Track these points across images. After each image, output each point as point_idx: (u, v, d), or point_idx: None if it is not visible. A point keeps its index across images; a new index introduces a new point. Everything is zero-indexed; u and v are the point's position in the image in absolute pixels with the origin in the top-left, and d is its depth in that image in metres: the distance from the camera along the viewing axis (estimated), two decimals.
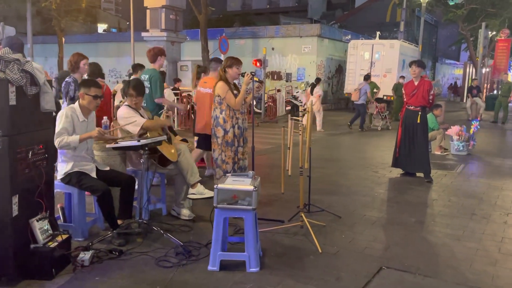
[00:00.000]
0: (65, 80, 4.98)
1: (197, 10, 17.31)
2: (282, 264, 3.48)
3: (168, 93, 8.02)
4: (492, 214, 4.89)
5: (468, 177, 6.87)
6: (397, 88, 14.83)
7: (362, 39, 20.81)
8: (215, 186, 3.28)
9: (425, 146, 6.49)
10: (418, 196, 5.66)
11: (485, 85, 25.27)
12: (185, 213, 4.46)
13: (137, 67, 7.66)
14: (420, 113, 6.38)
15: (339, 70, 21.63)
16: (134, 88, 4.30)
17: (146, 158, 3.88)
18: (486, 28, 24.00)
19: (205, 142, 5.57)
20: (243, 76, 4.72)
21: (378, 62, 17.60)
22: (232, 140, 4.77)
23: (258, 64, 14.40)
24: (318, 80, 13.06)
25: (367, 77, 13.03)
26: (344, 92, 19.01)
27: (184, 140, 5.06)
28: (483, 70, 25.07)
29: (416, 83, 6.41)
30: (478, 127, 9.56)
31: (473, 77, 21.87)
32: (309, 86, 12.89)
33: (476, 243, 4.02)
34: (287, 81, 19.74)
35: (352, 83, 17.85)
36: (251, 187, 3.25)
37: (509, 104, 16.15)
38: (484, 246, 3.93)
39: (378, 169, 7.25)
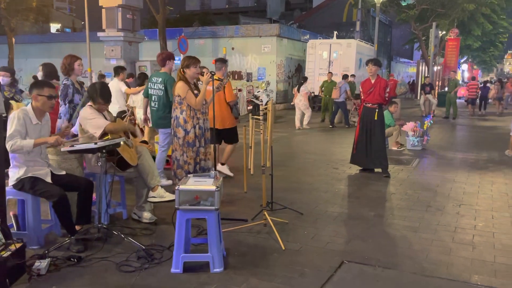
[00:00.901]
0: (63, 83, 4.87)
1: (155, 9, 17.02)
2: (246, 263, 3.48)
3: None
4: (446, 206, 5.11)
5: (423, 171, 7.15)
6: (324, 86, 15.02)
7: (320, 38, 21.19)
8: (176, 187, 3.24)
9: (382, 142, 6.70)
10: (377, 191, 5.83)
11: (437, 82, 26.37)
12: (147, 216, 4.38)
13: (119, 70, 7.51)
14: (377, 110, 6.57)
15: (299, 70, 21.91)
16: (102, 96, 4.11)
17: (104, 161, 3.78)
18: (436, 27, 25.02)
19: (229, 134, 6.20)
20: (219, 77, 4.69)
21: (336, 61, 17.97)
22: (193, 140, 4.73)
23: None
24: (305, 78, 13.63)
25: (345, 76, 13.74)
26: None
27: (144, 142, 4.97)
28: (435, 68, 26.14)
29: (372, 81, 6.60)
30: (431, 122, 9.96)
31: (426, 75, 22.74)
32: (297, 85, 13.51)
33: (432, 234, 4.18)
34: (248, 80, 19.79)
35: (312, 82, 18.14)
36: (213, 187, 3.23)
37: (457, 100, 16.90)
38: (439, 237, 4.11)
39: (338, 165, 7.41)
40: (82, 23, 33.75)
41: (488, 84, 20.58)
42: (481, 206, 5.11)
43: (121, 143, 3.94)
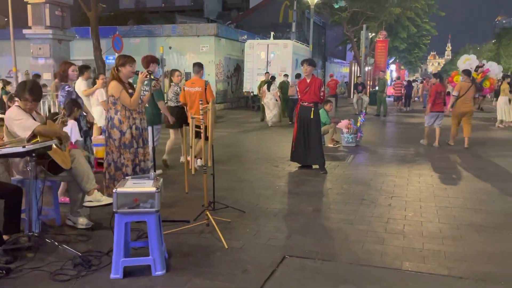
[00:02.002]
0: (66, 89, 5.19)
1: (86, 6, 16.28)
2: (189, 264, 3.46)
3: (101, 93, 7.64)
4: (379, 198, 5.40)
5: (357, 166, 7.49)
6: (282, 86, 15.51)
7: (258, 39, 21.44)
8: (113, 190, 3.14)
9: (319, 139, 6.92)
10: (315, 187, 6.03)
11: (369, 81, 27.72)
12: (82, 221, 4.19)
13: (83, 69, 7.25)
14: (313, 108, 6.78)
15: (238, 69, 22.02)
16: (30, 92, 3.83)
17: (33, 166, 3.57)
18: (366, 29, 26.31)
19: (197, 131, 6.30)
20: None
21: (274, 61, 18.30)
22: (130, 141, 4.60)
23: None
24: (273, 78, 14.10)
25: (298, 75, 14.04)
26: (244, 90, 19.41)
27: None
28: (366, 68, 27.47)
29: (308, 81, 6.80)
30: (364, 119, 10.45)
31: (358, 75, 23.81)
32: (265, 84, 13.84)
33: (366, 225, 4.40)
34: (187, 80, 19.56)
35: (251, 82, 18.32)
36: (153, 189, 3.17)
37: (387, 98, 18.03)
38: (373, 228, 4.33)
39: (278, 163, 7.56)
40: (6, 19, 31.44)
41: (412, 83, 22.54)
42: (410, 197, 5.46)
43: (53, 145, 3.74)
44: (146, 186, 3.23)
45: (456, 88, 9.40)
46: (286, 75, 16.08)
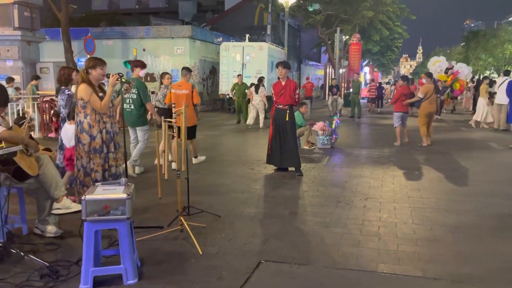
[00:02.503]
0: (67, 93, 5.38)
1: (56, 7, 15.86)
2: (163, 272, 3.37)
3: None
4: (354, 200, 5.42)
5: (333, 168, 7.53)
6: (235, 88, 15.47)
7: (233, 41, 21.36)
8: (82, 198, 3.02)
9: (294, 142, 6.91)
10: (291, 189, 6.01)
11: (343, 84, 28.06)
12: (51, 229, 4.03)
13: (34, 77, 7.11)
14: (288, 111, 6.77)
15: (213, 72, 21.90)
16: None
17: None
18: (340, 32, 26.64)
19: (190, 131, 7.04)
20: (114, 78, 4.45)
21: (249, 63, 18.27)
22: (100, 146, 4.46)
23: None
24: (261, 79, 13.97)
25: (261, 79, 14.29)
26: (219, 93, 19.30)
27: (47, 149, 4.58)
28: (341, 71, 27.80)
29: (283, 83, 6.79)
30: (339, 122, 10.54)
31: (333, 77, 24.07)
32: (251, 86, 13.80)
33: (342, 228, 4.40)
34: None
35: (226, 84, 18.21)
36: (124, 195, 3.07)
37: (361, 100, 18.36)
38: (349, 230, 4.33)
39: (254, 166, 7.51)
40: None
41: (386, 85, 23.26)
42: (385, 198, 5.50)
43: (18, 151, 3.58)
44: (117, 192, 3.13)
45: (423, 91, 9.81)
46: (239, 75, 16.24)
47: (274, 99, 6.95)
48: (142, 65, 6.69)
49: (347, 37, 29.20)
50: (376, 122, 16.11)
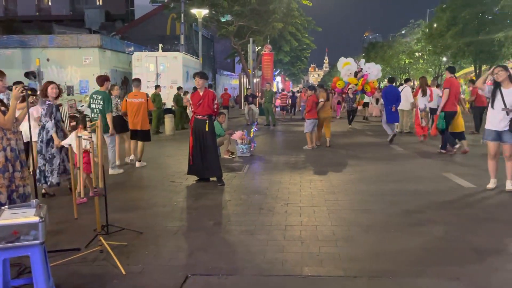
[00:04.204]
0: (47, 103, 6.10)
1: None
2: None
3: (37, 109, 7.03)
4: (275, 206, 5.56)
5: (253, 176, 7.65)
6: (177, 99, 15.66)
7: (146, 51, 20.85)
8: None
9: (215, 152, 6.93)
10: (214, 200, 6.00)
11: (258, 93, 28.72)
12: None
13: (16, 84, 6.48)
14: (207, 121, 6.77)
15: (125, 82, 21.13)
16: None
17: None
18: (253, 43, 27.29)
19: (136, 134, 8.55)
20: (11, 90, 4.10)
21: (164, 73, 17.96)
22: (4, 165, 4.06)
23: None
24: (210, 86, 14.06)
25: (210, 86, 14.32)
26: None
27: None
28: (255, 80, 28.44)
29: (201, 94, 6.78)
30: (256, 129, 10.77)
31: (248, 87, 24.58)
32: (186, 94, 13.93)
33: (266, 234, 4.49)
34: (68, 94, 18.16)
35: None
36: (36, 218, 2.84)
37: (277, 109, 18.98)
38: (273, 236, 4.43)
39: (175, 178, 7.37)
40: None
41: (296, 94, 24.79)
42: (304, 203, 5.73)
43: None
44: (27, 215, 2.88)
45: (320, 98, 11.01)
46: (179, 88, 16.19)
47: (193, 109, 6.91)
48: (108, 79, 7.78)
49: (260, 47, 30.01)
50: (290, 129, 16.72)
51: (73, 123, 6.95)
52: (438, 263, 3.68)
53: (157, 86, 15.16)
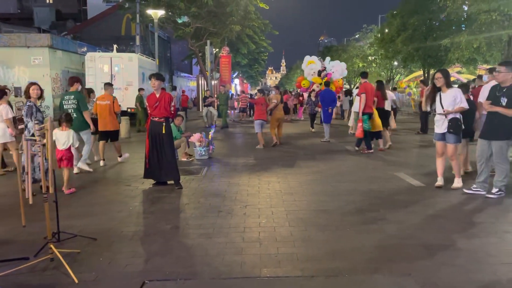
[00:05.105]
0: (27, 104, 6.42)
1: None
2: None
3: (6, 110, 7.58)
4: (234, 209, 5.56)
5: (212, 178, 7.61)
6: (140, 100, 15.61)
7: (99, 51, 20.24)
8: None
9: (172, 154, 6.82)
10: (171, 203, 5.91)
11: (215, 94, 28.63)
12: None
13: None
14: (164, 124, 6.66)
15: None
16: None
17: None
18: (210, 45, 27.17)
19: (106, 135, 9.03)
20: None
21: (119, 75, 17.50)
22: None
23: None
24: (175, 87, 14.44)
25: (174, 87, 14.21)
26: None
27: None
28: (213, 82, 28.34)
29: (157, 95, 6.66)
30: (214, 132, 10.72)
31: (206, 89, 24.41)
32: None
33: (225, 237, 4.48)
34: (16, 96, 17.30)
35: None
36: None
37: (234, 111, 18.99)
38: (231, 239, 4.43)
39: (131, 182, 7.20)
40: None
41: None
42: (263, 204, 5.76)
43: None
44: None
45: (272, 100, 11.94)
46: (142, 89, 16.33)
47: (149, 111, 6.78)
48: (79, 80, 8.21)
49: (217, 49, 29.93)
50: (248, 131, 16.76)
51: (22, 126, 6.88)
52: (391, 260, 3.82)
53: (140, 89, 16.31)
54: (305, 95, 17.86)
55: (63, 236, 4.28)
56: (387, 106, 11.42)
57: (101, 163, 8.81)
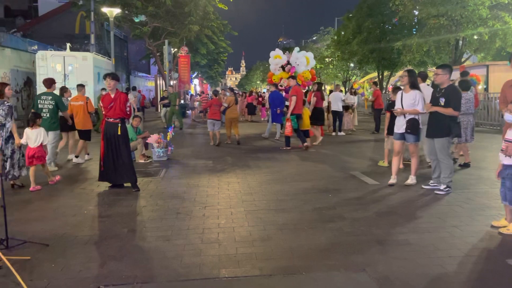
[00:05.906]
0: (7, 104, 6.40)
1: None
2: None
3: None
4: (193, 210, 5.52)
5: (170, 180, 7.51)
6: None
7: (52, 50, 19.48)
8: None
9: (128, 156, 6.67)
10: (128, 206, 5.78)
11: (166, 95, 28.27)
12: None
13: None
14: (120, 124, 6.51)
15: (29, 83, 19.56)
16: None
17: None
18: (169, 45, 26.84)
19: (84, 134, 9.42)
20: None
21: (72, 74, 16.91)
22: None
23: None
24: (134, 88, 14.28)
25: (134, 88, 14.13)
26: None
27: None
28: (172, 82, 27.95)
29: (112, 96, 6.50)
30: (173, 133, 10.59)
31: (164, 89, 24.09)
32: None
33: (183, 239, 4.44)
34: None
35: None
36: None
37: (194, 112, 18.79)
38: (190, 240, 4.40)
39: (85, 185, 6.99)
40: None
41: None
42: (222, 205, 5.76)
43: None
44: None
45: (226, 101, 12.61)
46: (104, 89, 15.60)
47: (104, 112, 6.60)
48: (55, 82, 8.66)
49: (176, 49, 29.57)
50: (207, 131, 16.65)
51: None
52: (346, 257, 3.93)
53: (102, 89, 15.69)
54: (267, 94, 17.89)
55: (12, 242, 4.10)
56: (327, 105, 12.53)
57: (74, 159, 9.27)
